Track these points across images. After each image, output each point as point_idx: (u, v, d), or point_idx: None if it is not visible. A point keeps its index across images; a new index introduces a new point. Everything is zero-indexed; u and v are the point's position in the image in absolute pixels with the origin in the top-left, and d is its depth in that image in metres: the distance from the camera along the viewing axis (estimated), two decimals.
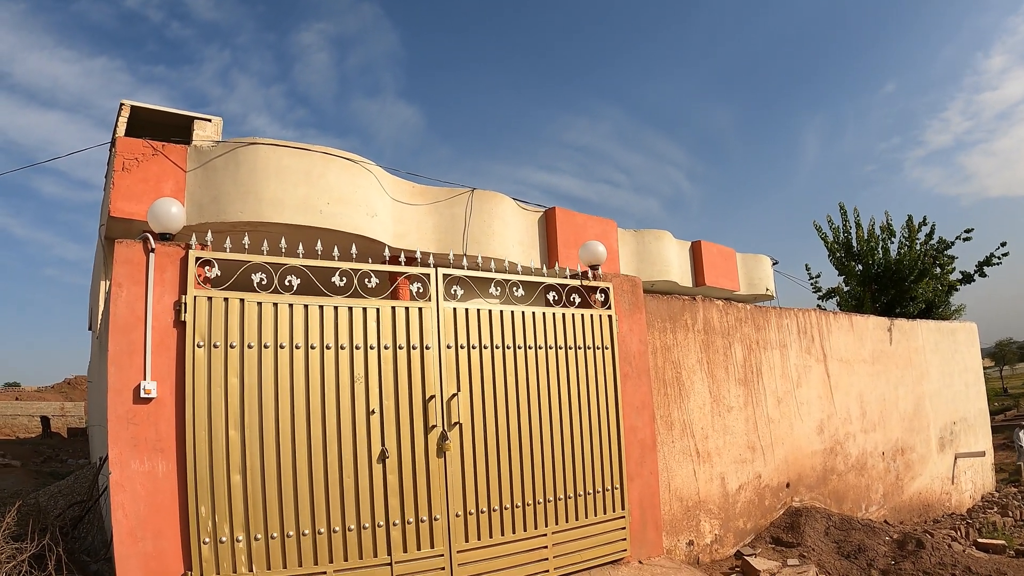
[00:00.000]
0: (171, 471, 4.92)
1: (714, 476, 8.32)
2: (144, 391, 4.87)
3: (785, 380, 9.68)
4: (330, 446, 5.41)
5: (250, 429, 5.16)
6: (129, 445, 4.81)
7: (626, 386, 7.28)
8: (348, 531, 5.41)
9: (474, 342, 6.28)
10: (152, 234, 5.25)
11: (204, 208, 9.81)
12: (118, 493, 4.74)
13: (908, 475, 11.95)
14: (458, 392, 6.09)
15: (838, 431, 10.44)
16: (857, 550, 8.24)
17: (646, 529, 7.20)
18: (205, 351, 5.11)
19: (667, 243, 16.25)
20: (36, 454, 20.63)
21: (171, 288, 5.13)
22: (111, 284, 5.03)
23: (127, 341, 4.93)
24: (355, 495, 5.48)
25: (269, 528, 5.13)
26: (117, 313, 4.93)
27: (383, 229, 11.00)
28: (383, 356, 5.77)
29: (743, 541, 8.55)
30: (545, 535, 6.40)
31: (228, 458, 5.06)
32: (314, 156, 10.25)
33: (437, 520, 5.81)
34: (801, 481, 9.57)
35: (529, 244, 13.38)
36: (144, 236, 5.13)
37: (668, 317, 8.23)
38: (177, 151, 9.92)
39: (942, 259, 15.41)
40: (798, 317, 10.22)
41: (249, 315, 5.28)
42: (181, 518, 4.89)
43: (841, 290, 16.91)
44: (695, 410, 8.28)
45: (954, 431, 13.80)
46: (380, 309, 5.82)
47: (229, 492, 5.03)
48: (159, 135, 10.69)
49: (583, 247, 7.51)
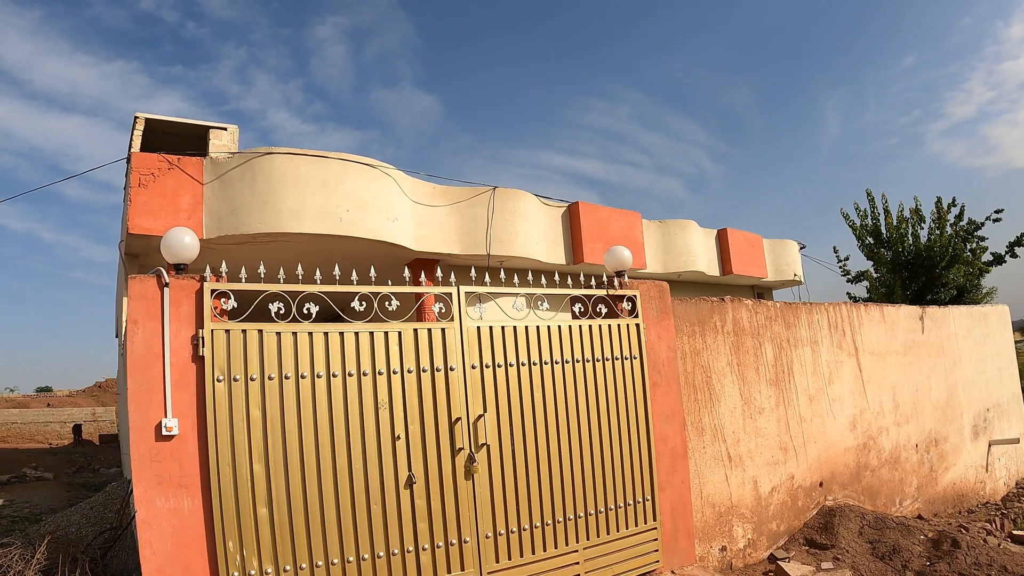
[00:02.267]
0: (197, 507, 4.88)
1: (746, 480, 8.19)
2: (166, 428, 4.83)
3: (817, 377, 9.51)
4: (356, 474, 5.35)
5: (274, 461, 5.10)
6: (154, 482, 4.78)
7: (655, 395, 7.17)
8: (377, 558, 5.36)
9: (499, 360, 6.18)
10: (166, 266, 5.18)
11: (223, 221, 9.78)
12: (145, 531, 4.72)
13: (942, 466, 11.75)
14: (484, 413, 6.00)
15: (871, 426, 10.26)
16: (892, 551, 8.09)
17: (678, 538, 7.10)
18: (225, 385, 5.04)
19: (693, 233, 16.08)
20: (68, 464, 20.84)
21: (188, 322, 5.06)
22: (127, 321, 4.97)
23: (146, 379, 4.88)
24: (383, 522, 5.42)
25: (298, 560, 5.09)
26: (134, 351, 4.88)
27: (404, 233, 10.92)
28: (407, 380, 5.69)
29: (776, 544, 8.42)
30: (576, 551, 6.32)
31: (253, 491, 5.01)
32: (331, 163, 10.18)
33: (467, 542, 5.75)
34: (834, 479, 9.42)
35: (553, 240, 13.25)
36: (157, 271, 5.07)
37: (697, 320, 8.09)
38: (193, 164, 9.88)
39: (972, 241, 15.09)
40: (828, 312, 10.03)
41: (268, 346, 5.21)
42: (209, 553, 4.87)
43: (871, 275, 16.63)
44: (726, 414, 8.14)
45: (987, 418, 13.55)
46: (402, 332, 5.73)
47: (256, 525, 4.99)
48: (175, 146, 10.66)
49: (608, 253, 7.38)
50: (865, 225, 15.81)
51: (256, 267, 5.63)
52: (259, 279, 5.50)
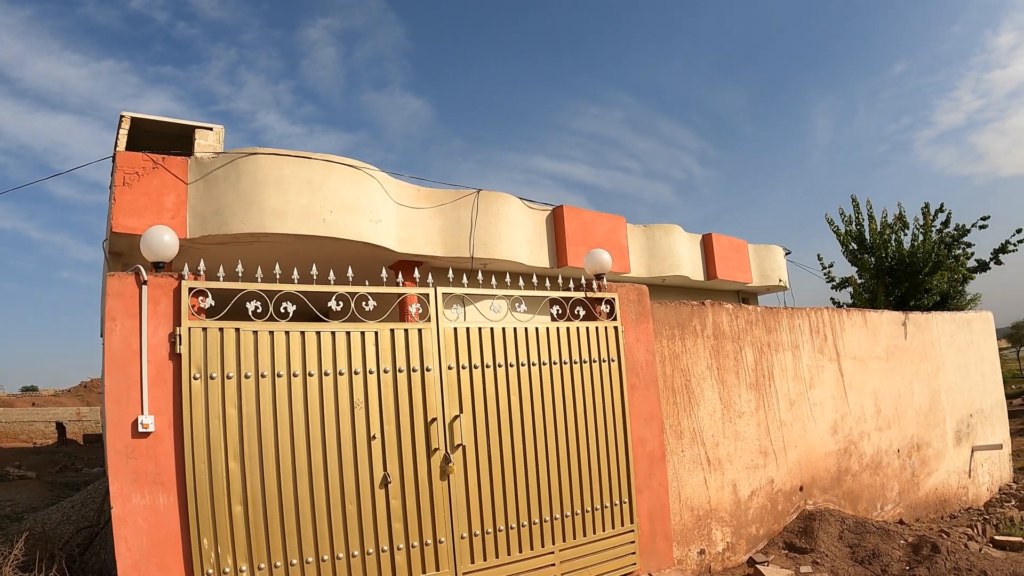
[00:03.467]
0: (172, 504, 4.89)
1: (725, 483, 8.22)
2: (142, 425, 4.83)
3: (798, 382, 9.55)
4: (331, 473, 5.36)
5: (250, 459, 5.11)
6: (129, 479, 4.79)
7: (634, 398, 7.19)
8: (352, 558, 5.36)
9: (476, 362, 6.20)
10: (146, 264, 5.19)
11: (207, 220, 9.76)
12: (120, 527, 4.71)
13: (924, 471, 11.81)
14: (460, 414, 6.01)
15: (852, 431, 10.31)
16: (871, 555, 8.13)
17: (656, 541, 7.12)
18: (202, 383, 5.05)
19: (677, 237, 16.11)
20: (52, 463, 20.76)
21: (165, 320, 5.07)
22: (105, 318, 4.98)
23: (123, 376, 4.89)
24: (358, 521, 5.42)
25: (272, 558, 5.09)
26: (112, 348, 4.89)
27: (388, 234, 10.92)
28: (383, 380, 5.70)
29: (756, 548, 8.45)
30: (553, 553, 6.33)
31: (229, 489, 5.02)
32: (315, 164, 10.17)
33: (442, 543, 5.76)
34: (815, 483, 9.46)
35: (537, 244, 13.26)
36: (136, 268, 5.07)
37: (676, 324, 8.11)
38: (178, 163, 9.86)
39: (957, 248, 15.18)
40: (810, 316, 10.07)
41: (245, 345, 5.22)
42: (184, 551, 4.87)
43: (855, 281, 16.71)
44: (705, 417, 8.17)
45: (971, 424, 13.61)
46: (379, 332, 5.74)
47: (231, 523, 4.99)
48: (161, 145, 10.62)
49: (587, 256, 7.40)
50: (849, 231, 15.90)
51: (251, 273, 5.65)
52: (237, 278, 5.50)
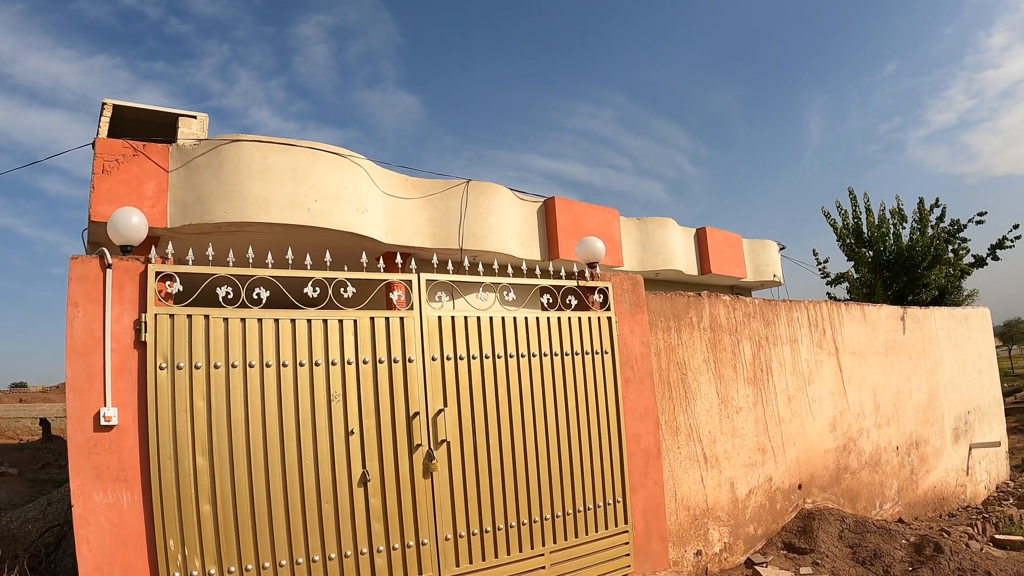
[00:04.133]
0: (137, 502, 4.58)
1: (723, 482, 7.93)
2: (104, 418, 4.52)
3: (796, 377, 9.27)
4: (306, 470, 5.03)
5: (219, 455, 4.79)
6: (91, 476, 4.49)
7: (628, 392, 6.89)
8: (328, 560, 5.04)
9: (461, 352, 5.87)
10: (112, 248, 4.89)
11: (188, 209, 9.43)
12: (82, 527, 4.42)
13: (923, 469, 11.55)
14: (445, 408, 5.68)
15: (851, 427, 10.04)
16: (873, 556, 7.85)
17: (651, 542, 6.83)
18: (168, 373, 4.73)
19: (671, 231, 15.82)
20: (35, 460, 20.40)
21: (131, 306, 4.75)
22: (67, 303, 4.66)
23: (85, 365, 4.57)
24: (335, 522, 5.10)
25: (243, 560, 4.77)
26: (74, 335, 4.58)
27: (375, 225, 10.60)
28: (362, 371, 5.37)
29: (754, 548, 8.16)
30: (543, 555, 6.02)
31: (196, 487, 4.70)
32: (300, 152, 9.84)
33: (425, 545, 5.43)
34: (813, 482, 9.18)
35: (528, 236, 12.95)
36: (101, 251, 4.76)
37: (672, 315, 7.82)
38: (159, 151, 9.54)
39: (954, 243, 14.96)
40: (809, 310, 9.80)
41: (215, 333, 4.90)
42: (149, 552, 4.56)
43: (851, 276, 16.47)
44: (702, 413, 7.87)
45: (968, 421, 13.39)
46: (358, 321, 5.41)
47: (199, 523, 4.68)
48: (144, 134, 10.31)
49: (580, 244, 7.10)
50: (847, 224, 15.64)
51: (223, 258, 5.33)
52: (207, 262, 5.18)
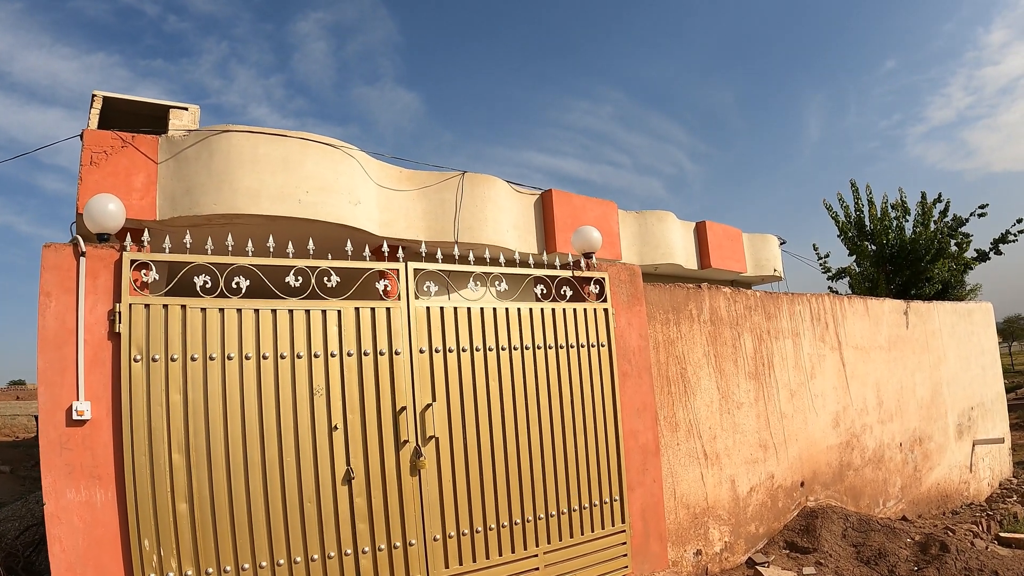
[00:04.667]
0: (111, 500, 4.38)
1: (723, 479, 7.71)
2: (77, 412, 4.33)
3: (798, 371, 9.05)
4: (288, 468, 4.81)
5: (196, 451, 4.58)
6: (64, 472, 4.29)
7: (625, 386, 6.67)
8: (311, 561, 4.83)
9: (451, 345, 5.64)
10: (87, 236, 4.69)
11: (177, 201, 9.22)
12: (54, 525, 4.22)
13: (926, 466, 11.34)
14: (433, 402, 5.45)
15: (854, 423, 9.82)
16: (877, 555, 7.63)
17: (649, 542, 6.61)
18: (143, 366, 4.52)
19: (670, 225, 15.59)
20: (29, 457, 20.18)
21: (105, 296, 4.56)
22: (39, 293, 4.46)
23: (58, 357, 4.38)
24: (318, 522, 4.88)
25: (222, 561, 4.56)
26: (46, 326, 4.39)
27: (368, 217, 10.38)
28: (346, 364, 5.14)
29: (755, 547, 7.95)
30: (536, 556, 5.80)
31: (172, 484, 4.50)
32: (291, 142, 9.63)
33: (412, 545, 5.21)
34: (816, 479, 8.96)
35: (525, 229, 12.73)
36: (74, 239, 4.56)
37: (671, 308, 7.60)
38: (148, 142, 9.33)
39: (958, 237, 14.76)
40: (811, 303, 9.58)
41: (192, 323, 4.68)
42: (124, 552, 4.36)
43: (853, 271, 16.26)
44: (702, 408, 7.65)
45: (972, 417, 13.17)
46: (342, 311, 5.19)
47: (175, 522, 4.47)
48: (136, 127, 10.12)
49: (575, 233, 6.88)
50: (848, 217, 15.44)
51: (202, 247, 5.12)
52: (185, 250, 4.97)
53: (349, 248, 5.58)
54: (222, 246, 5.15)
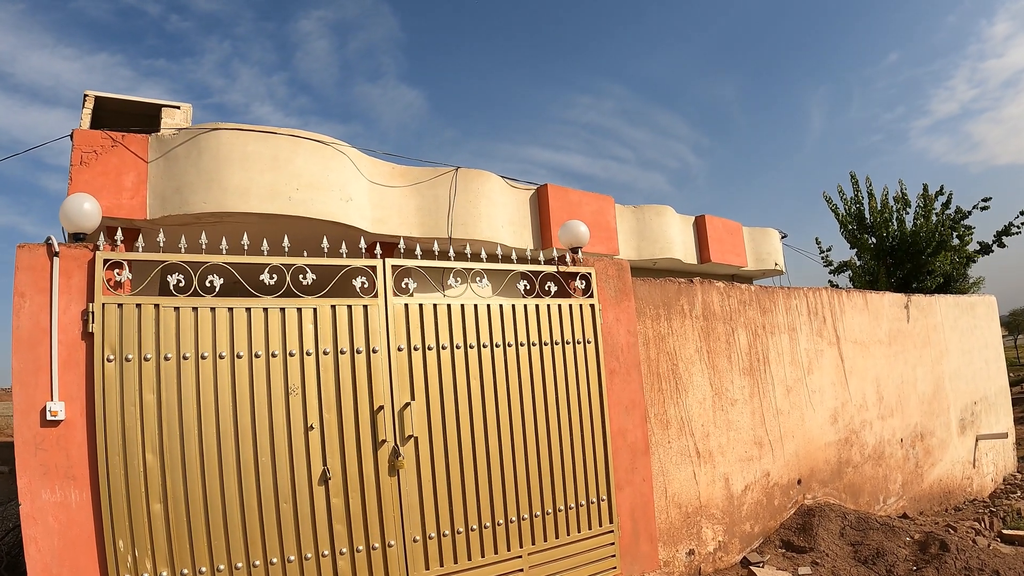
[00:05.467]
0: (85, 501, 4.34)
1: (717, 477, 7.61)
2: (51, 413, 4.29)
3: (795, 367, 8.94)
4: (263, 468, 4.74)
5: (170, 452, 4.51)
6: (39, 473, 4.25)
7: (613, 383, 6.57)
8: (288, 562, 4.75)
9: (430, 342, 5.54)
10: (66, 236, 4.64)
11: (167, 200, 9.17)
12: (30, 527, 4.18)
13: (928, 462, 11.22)
14: (412, 401, 5.36)
15: (853, 419, 9.71)
16: (875, 554, 7.52)
17: (639, 542, 6.52)
18: (116, 365, 4.45)
19: (669, 219, 15.48)
20: None
21: (78, 296, 4.50)
22: (14, 293, 4.41)
23: (32, 357, 4.34)
24: (294, 522, 4.80)
25: (197, 563, 4.49)
26: (20, 326, 4.35)
27: (360, 214, 10.31)
28: (322, 363, 5.06)
29: (750, 546, 7.85)
30: (520, 557, 5.70)
31: (147, 485, 4.43)
32: (281, 140, 9.55)
33: (391, 546, 5.12)
34: (814, 476, 8.85)
35: (520, 224, 12.63)
36: (48, 239, 4.51)
37: (662, 303, 7.50)
38: (138, 141, 9.27)
39: (960, 229, 14.62)
40: (808, 297, 9.47)
41: (165, 322, 4.61)
42: (99, 553, 4.32)
43: (854, 264, 16.13)
44: (694, 405, 7.55)
45: (975, 412, 13.04)
46: (317, 309, 5.10)
47: (150, 523, 4.41)
48: (129, 126, 10.08)
49: (562, 228, 6.79)
50: (849, 210, 15.31)
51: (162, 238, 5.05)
52: (158, 249, 4.90)
53: (326, 245, 5.50)
54: (215, 245, 5.07)
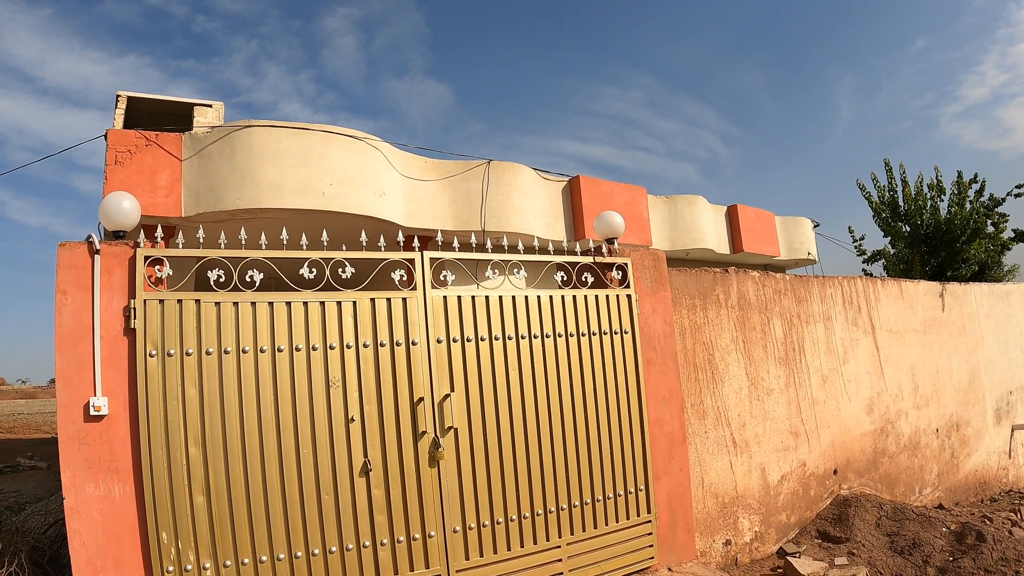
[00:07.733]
0: (129, 494, 4.41)
1: (753, 467, 7.58)
2: (94, 408, 4.37)
3: (830, 356, 8.87)
4: (304, 460, 4.79)
5: (212, 445, 4.57)
6: (82, 467, 4.33)
7: (650, 374, 6.56)
8: (329, 553, 4.80)
9: (469, 334, 5.57)
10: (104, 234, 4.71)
11: (201, 197, 9.25)
12: (74, 520, 4.26)
13: (964, 452, 11.09)
14: (451, 392, 5.39)
15: (889, 409, 9.62)
16: (912, 545, 7.46)
17: (676, 532, 6.51)
18: (158, 360, 4.52)
19: (701, 209, 15.38)
20: None
21: (120, 292, 4.58)
22: (55, 291, 4.48)
23: (75, 354, 4.43)
24: (335, 514, 4.86)
25: (239, 554, 4.56)
26: (63, 323, 4.44)
27: (393, 208, 10.34)
28: (362, 356, 5.10)
29: (786, 537, 7.81)
30: (559, 547, 5.72)
31: (189, 478, 4.51)
32: (313, 136, 9.60)
33: (432, 537, 5.17)
34: (849, 467, 8.79)
35: (553, 216, 12.61)
36: (89, 236, 4.58)
37: (697, 293, 7.47)
38: (172, 140, 9.36)
39: (994, 217, 14.42)
40: (843, 286, 9.39)
41: (206, 317, 4.67)
42: (143, 545, 4.39)
43: (887, 253, 15.95)
44: (730, 395, 7.52)
45: (1010, 401, 12.85)
46: (357, 302, 5.14)
47: (193, 515, 4.48)
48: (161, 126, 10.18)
49: (597, 219, 6.78)
50: (882, 198, 15.14)
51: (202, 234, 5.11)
52: (197, 245, 4.95)
53: (364, 239, 5.52)
54: (254, 240, 5.12)
